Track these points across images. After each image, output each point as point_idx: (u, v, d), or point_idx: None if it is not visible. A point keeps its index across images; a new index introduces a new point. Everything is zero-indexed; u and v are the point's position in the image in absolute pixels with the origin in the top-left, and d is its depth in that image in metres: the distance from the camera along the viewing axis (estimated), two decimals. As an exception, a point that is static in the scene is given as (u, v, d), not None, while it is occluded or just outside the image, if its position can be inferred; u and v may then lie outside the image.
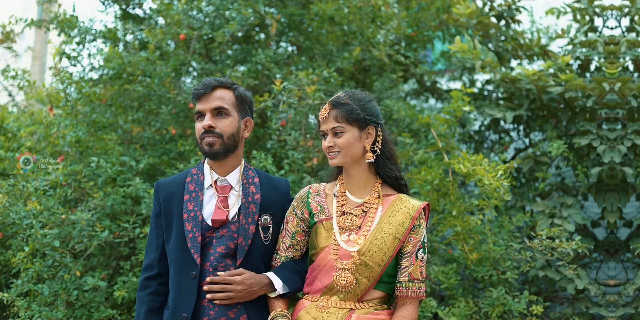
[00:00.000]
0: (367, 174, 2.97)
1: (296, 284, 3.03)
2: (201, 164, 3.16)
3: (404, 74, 5.81)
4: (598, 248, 5.08)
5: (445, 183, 4.34)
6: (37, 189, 4.54)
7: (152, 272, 3.08)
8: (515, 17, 5.62)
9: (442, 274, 4.42)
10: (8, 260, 4.71)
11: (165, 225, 3.07)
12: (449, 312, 4.29)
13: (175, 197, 3.07)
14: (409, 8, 5.72)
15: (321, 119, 2.94)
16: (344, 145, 2.86)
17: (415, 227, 2.92)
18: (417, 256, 2.90)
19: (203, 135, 2.97)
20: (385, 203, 2.95)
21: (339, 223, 2.94)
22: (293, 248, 3.07)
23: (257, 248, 3.02)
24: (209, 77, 3.13)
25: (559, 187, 5.18)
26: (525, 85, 4.83)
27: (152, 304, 3.05)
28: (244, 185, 3.07)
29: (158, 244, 3.09)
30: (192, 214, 3.01)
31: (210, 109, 2.99)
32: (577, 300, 4.70)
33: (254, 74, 5.02)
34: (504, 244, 4.50)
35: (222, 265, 2.96)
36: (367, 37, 5.25)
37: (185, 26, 5.01)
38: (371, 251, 2.85)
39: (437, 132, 4.56)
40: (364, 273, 2.86)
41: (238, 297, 2.91)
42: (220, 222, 2.99)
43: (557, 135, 5.03)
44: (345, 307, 2.87)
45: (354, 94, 2.96)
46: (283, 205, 3.14)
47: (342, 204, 2.98)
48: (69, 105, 5.02)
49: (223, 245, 2.98)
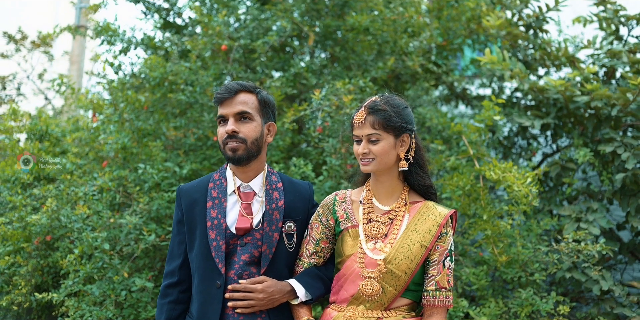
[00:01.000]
0: (396, 181, 2.90)
1: (319, 290, 2.96)
2: (223, 169, 3.08)
3: (435, 82, 5.92)
4: (623, 250, 5.09)
5: (476, 188, 4.41)
6: (85, 194, 4.71)
7: (174, 279, 3.01)
8: (543, 27, 5.71)
9: (473, 275, 4.45)
10: (56, 261, 4.86)
11: (187, 232, 2.99)
12: (479, 312, 4.33)
13: (198, 204, 2.99)
14: (440, 18, 5.84)
15: (356, 123, 2.83)
16: (380, 153, 2.78)
17: (442, 235, 2.85)
18: (445, 264, 2.84)
19: (226, 140, 2.90)
20: (412, 210, 2.89)
21: (365, 231, 2.88)
22: (316, 255, 3.01)
23: (281, 255, 2.96)
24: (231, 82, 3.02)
25: (584, 191, 5.20)
26: (552, 95, 4.92)
27: (171, 312, 2.99)
28: (268, 191, 3.00)
29: (180, 251, 3.02)
30: (215, 221, 2.93)
31: (234, 114, 2.92)
32: (602, 301, 4.70)
33: (292, 82, 5.17)
34: (532, 247, 4.53)
35: (247, 273, 2.90)
36: (401, 47, 5.36)
37: (226, 37, 5.16)
38: (397, 259, 2.78)
39: (468, 140, 4.65)
40: (390, 282, 2.79)
41: (260, 305, 2.85)
42: (245, 230, 2.92)
43: (584, 142, 5.08)
44: (373, 316, 2.80)
45: (390, 100, 2.87)
46: (307, 210, 3.08)
47: (369, 212, 2.91)
48: (116, 113, 5.19)
49: (247, 253, 2.91)
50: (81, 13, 9.59)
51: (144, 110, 5.32)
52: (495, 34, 5.40)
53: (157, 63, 5.20)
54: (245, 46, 5.22)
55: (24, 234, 4.87)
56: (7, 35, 10.53)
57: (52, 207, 4.64)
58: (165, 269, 3.06)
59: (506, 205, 4.51)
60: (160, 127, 5.21)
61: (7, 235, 4.85)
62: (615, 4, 5.44)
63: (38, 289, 5.08)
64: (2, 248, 4.80)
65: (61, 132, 6.00)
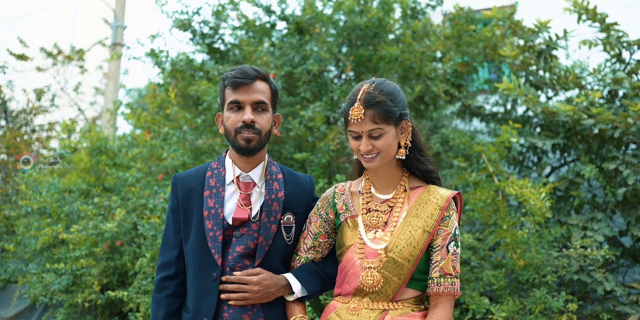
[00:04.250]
0: (395, 169, 2.71)
1: (315, 287, 2.80)
2: (222, 158, 2.90)
3: (451, 98, 6.37)
4: (625, 255, 5.33)
5: (496, 201, 4.75)
6: (155, 206, 5.23)
7: (170, 271, 2.83)
8: (552, 53, 6.10)
9: (493, 277, 4.72)
10: (124, 264, 5.34)
11: (183, 222, 2.81)
12: (499, 309, 4.55)
13: (194, 193, 2.80)
14: (460, 45, 6.26)
15: (353, 120, 2.57)
16: (384, 147, 2.58)
17: (445, 219, 2.64)
18: (449, 249, 2.61)
19: (241, 129, 2.72)
20: (413, 196, 2.69)
21: (364, 221, 2.69)
22: (314, 249, 2.85)
23: (277, 248, 2.79)
24: (245, 66, 2.83)
25: (590, 202, 5.44)
26: (562, 118, 5.29)
27: (169, 307, 2.81)
28: (267, 182, 2.83)
29: (176, 241, 2.83)
30: (212, 211, 2.74)
31: (252, 102, 2.74)
32: (606, 300, 4.88)
33: (330, 106, 5.66)
34: (544, 252, 4.75)
35: (240, 265, 2.73)
36: (426, 73, 5.79)
37: (272, 66, 5.66)
38: (399, 247, 2.59)
39: (487, 158, 4.98)
40: (393, 271, 2.59)
41: (254, 298, 2.69)
42: (241, 221, 2.74)
43: (590, 159, 5.41)
44: (378, 308, 2.61)
45: (383, 87, 2.61)
46: (307, 203, 2.90)
47: (368, 201, 2.73)
48: (181, 133, 5.64)
49: (242, 244, 2.74)
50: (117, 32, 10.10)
51: (198, 130, 5.75)
52: (511, 62, 5.78)
53: (207, 87, 5.70)
54: (288, 73, 5.73)
55: (91, 239, 5.42)
56: (43, 51, 11.09)
57: (120, 216, 5.23)
58: (160, 260, 2.88)
59: (522, 216, 4.86)
60: (212, 145, 5.66)
61: (78, 241, 5.42)
62: (618, 31, 5.77)
63: (104, 288, 5.60)
64: (77, 251, 5.38)
65: (117, 147, 6.49)
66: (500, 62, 6.39)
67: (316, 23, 5.83)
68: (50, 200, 5.79)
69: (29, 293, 5.70)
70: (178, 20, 6.23)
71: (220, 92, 2.84)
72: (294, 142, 5.55)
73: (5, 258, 7.04)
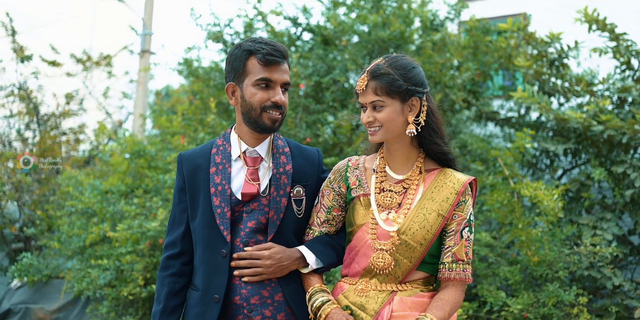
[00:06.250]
0: (409, 148, 2.63)
1: (330, 258, 2.71)
2: (227, 134, 2.82)
3: (468, 105, 6.67)
4: (634, 252, 5.52)
5: (512, 202, 5.01)
6: None
7: (175, 250, 2.78)
8: (564, 62, 6.33)
9: (509, 272, 4.91)
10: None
11: (190, 201, 2.74)
12: (515, 302, 4.73)
13: (200, 170, 2.73)
14: (476, 55, 6.56)
15: (359, 90, 2.57)
16: (385, 120, 2.52)
17: (460, 204, 2.58)
18: (462, 235, 2.56)
19: (270, 109, 2.65)
20: (428, 178, 2.62)
21: (377, 201, 2.62)
22: (328, 223, 2.76)
23: (289, 222, 2.71)
24: (270, 40, 2.73)
25: (599, 203, 5.60)
26: (573, 124, 5.55)
27: (173, 286, 2.76)
28: (274, 156, 2.75)
29: (182, 219, 2.77)
30: (219, 188, 2.67)
31: (283, 83, 2.69)
32: (615, 294, 5.03)
33: (357, 113, 5.91)
34: (557, 250, 4.91)
35: (253, 241, 2.66)
36: (445, 82, 6.11)
37: (302, 77, 6.02)
38: (412, 229, 2.53)
39: (503, 162, 5.25)
40: (404, 253, 2.54)
41: (267, 272, 2.62)
42: (251, 196, 2.67)
43: (599, 162, 5.63)
44: (386, 289, 2.56)
45: (396, 61, 2.57)
46: (316, 175, 2.83)
47: (382, 181, 2.65)
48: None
49: (254, 219, 2.67)
50: (145, 39, 10.48)
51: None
52: (525, 71, 6.08)
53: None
54: (317, 82, 6.09)
55: (134, 237, 5.81)
56: (73, 57, 11.50)
57: (162, 216, 5.61)
58: (166, 239, 2.83)
59: (536, 215, 5.10)
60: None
61: (123, 239, 5.82)
62: (627, 41, 6.02)
63: (145, 282, 5.95)
64: (122, 249, 5.78)
65: (154, 151, 6.80)
66: (514, 71, 6.67)
67: (342, 36, 6.18)
68: (95, 201, 6.17)
69: (77, 287, 6.09)
70: (211, 33, 6.61)
71: (239, 61, 2.68)
72: (323, 147, 5.90)
73: (48, 255, 7.45)
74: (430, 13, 6.69)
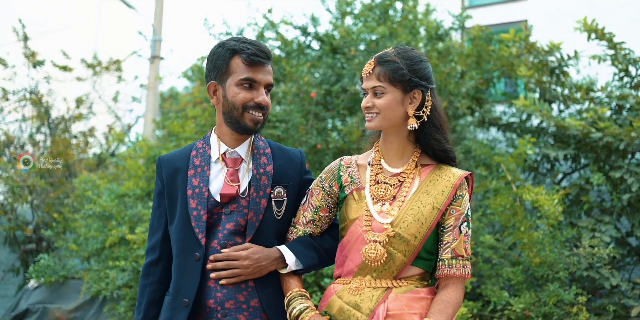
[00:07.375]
0: (406, 142, 2.58)
1: (311, 260, 2.62)
2: (207, 137, 2.76)
3: (472, 112, 6.87)
4: (631, 254, 5.62)
5: (514, 206, 5.15)
6: None
7: (154, 255, 2.72)
8: (564, 70, 6.53)
9: (511, 273, 5.00)
10: None
11: (168, 204, 2.68)
12: (517, 301, 4.81)
13: (179, 172, 2.67)
14: (480, 63, 6.77)
15: (364, 75, 2.54)
16: (383, 107, 2.48)
17: (457, 198, 2.52)
18: (461, 230, 2.50)
19: (252, 110, 2.60)
20: (424, 172, 2.57)
21: (371, 192, 2.56)
22: (313, 223, 2.70)
23: (269, 224, 2.64)
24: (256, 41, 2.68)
25: (598, 206, 5.73)
26: (573, 131, 5.72)
27: (153, 295, 2.70)
28: (255, 156, 2.69)
29: (161, 223, 2.72)
30: (197, 190, 2.61)
31: (266, 84, 2.64)
32: (612, 294, 5.11)
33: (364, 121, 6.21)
34: (557, 251, 4.99)
35: (231, 243, 2.58)
36: (450, 90, 6.31)
37: (313, 85, 6.22)
38: (406, 222, 2.47)
39: (506, 167, 5.41)
40: (398, 247, 2.47)
41: (245, 273, 2.53)
42: (229, 197, 2.60)
43: (598, 167, 5.81)
44: (381, 286, 2.49)
45: (404, 52, 2.55)
46: (299, 177, 2.76)
47: (377, 173, 2.60)
48: None
49: (232, 221, 2.60)
50: (155, 45, 10.67)
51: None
52: (527, 80, 6.28)
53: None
54: (326, 90, 6.29)
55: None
56: (84, 62, 11.71)
57: (178, 218, 5.80)
58: (147, 245, 2.77)
59: (537, 219, 5.26)
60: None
61: (140, 241, 6.00)
62: (624, 49, 6.20)
63: None
64: (140, 250, 5.98)
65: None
66: (516, 78, 6.86)
67: (351, 46, 6.40)
68: (112, 205, 6.39)
69: (95, 287, 6.30)
70: (223, 42, 6.80)
71: (222, 60, 2.62)
72: (333, 153, 6.11)
73: (63, 257, 7.67)
74: (435, 23, 6.87)
